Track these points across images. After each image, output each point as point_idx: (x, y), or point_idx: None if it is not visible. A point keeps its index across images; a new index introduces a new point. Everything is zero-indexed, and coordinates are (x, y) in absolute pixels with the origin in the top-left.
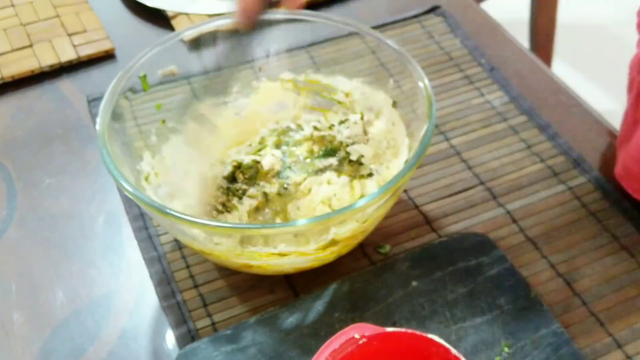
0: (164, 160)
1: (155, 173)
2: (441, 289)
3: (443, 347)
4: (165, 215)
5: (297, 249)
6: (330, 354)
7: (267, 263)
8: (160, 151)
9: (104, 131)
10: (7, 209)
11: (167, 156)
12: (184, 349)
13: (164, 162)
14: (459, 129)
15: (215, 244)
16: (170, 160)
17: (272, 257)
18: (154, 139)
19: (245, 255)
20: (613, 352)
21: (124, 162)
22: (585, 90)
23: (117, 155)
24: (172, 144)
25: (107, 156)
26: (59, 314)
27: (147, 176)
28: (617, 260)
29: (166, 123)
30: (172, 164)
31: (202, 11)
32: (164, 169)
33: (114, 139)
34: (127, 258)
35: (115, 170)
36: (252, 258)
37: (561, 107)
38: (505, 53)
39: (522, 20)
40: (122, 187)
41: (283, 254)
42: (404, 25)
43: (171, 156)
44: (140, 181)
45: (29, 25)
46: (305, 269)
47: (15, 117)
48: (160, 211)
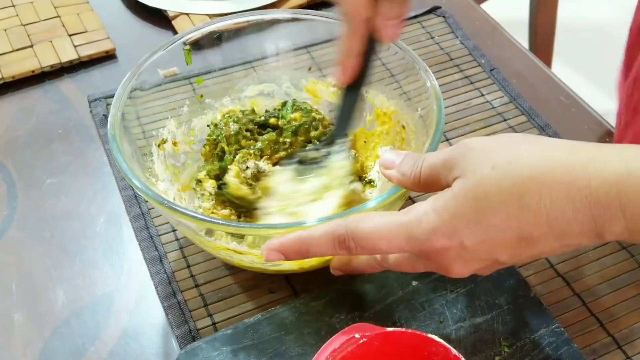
0: (190, 131)
1: (174, 142)
2: (441, 289)
3: (443, 347)
4: (180, 214)
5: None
6: (331, 354)
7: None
8: (190, 122)
9: (115, 129)
10: (7, 209)
11: (195, 127)
12: (184, 349)
13: (190, 134)
14: (459, 129)
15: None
16: (199, 132)
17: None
18: (185, 110)
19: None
20: (613, 352)
21: (132, 161)
22: (585, 90)
23: (127, 154)
24: (207, 119)
25: (119, 154)
26: (59, 314)
27: (162, 142)
28: (617, 260)
29: (204, 98)
30: (199, 136)
31: (202, 11)
32: (187, 139)
33: (123, 139)
34: (128, 258)
35: (127, 168)
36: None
37: (561, 107)
38: (505, 53)
39: (522, 20)
40: (136, 187)
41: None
42: (404, 26)
43: (201, 129)
44: (148, 179)
45: (29, 26)
46: (307, 268)
47: (15, 117)
48: (178, 212)
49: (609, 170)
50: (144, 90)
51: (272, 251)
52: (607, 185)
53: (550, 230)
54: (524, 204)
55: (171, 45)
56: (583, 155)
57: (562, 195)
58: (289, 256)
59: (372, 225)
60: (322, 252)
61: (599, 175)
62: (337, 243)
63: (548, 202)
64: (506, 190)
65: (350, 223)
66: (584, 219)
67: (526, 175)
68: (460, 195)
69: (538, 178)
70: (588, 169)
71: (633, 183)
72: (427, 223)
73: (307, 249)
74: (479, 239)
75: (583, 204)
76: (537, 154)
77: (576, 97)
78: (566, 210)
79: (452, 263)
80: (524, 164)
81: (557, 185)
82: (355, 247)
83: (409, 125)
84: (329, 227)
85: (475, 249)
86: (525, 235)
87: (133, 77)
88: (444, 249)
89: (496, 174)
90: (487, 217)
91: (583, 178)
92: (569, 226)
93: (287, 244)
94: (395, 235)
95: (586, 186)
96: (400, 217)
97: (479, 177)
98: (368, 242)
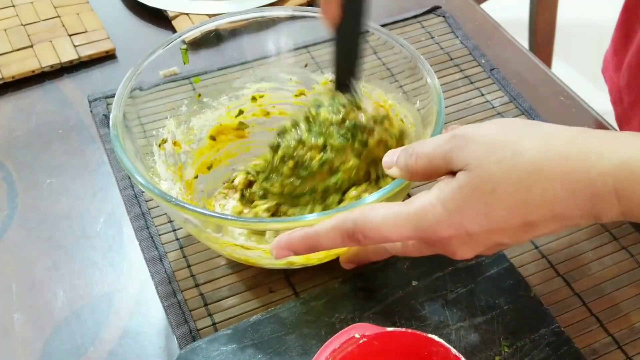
0: (190, 130)
1: (174, 142)
2: (441, 289)
3: (443, 347)
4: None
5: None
6: (331, 354)
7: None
8: (189, 122)
9: (118, 129)
10: (7, 208)
11: (194, 127)
12: (184, 349)
13: (189, 133)
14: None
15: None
16: (198, 132)
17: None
18: (183, 109)
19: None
20: (612, 352)
21: (136, 160)
22: (585, 90)
23: (131, 153)
24: (206, 119)
25: (122, 151)
26: (59, 314)
27: (163, 142)
28: (617, 260)
29: (202, 97)
30: (198, 136)
31: (202, 11)
32: (187, 138)
33: (125, 138)
34: (128, 258)
35: (132, 168)
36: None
37: (561, 107)
38: (505, 53)
39: (522, 20)
40: (142, 186)
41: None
42: (405, 26)
43: (200, 128)
44: (151, 179)
45: (29, 26)
46: (315, 262)
47: (16, 117)
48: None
49: (605, 161)
50: (143, 90)
51: (281, 249)
52: (604, 175)
53: (553, 216)
54: (529, 196)
55: (171, 44)
56: (581, 147)
57: (564, 186)
58: (299, 252)
59: (379, 217)
60: (332, 246)
61: (596, 167)
62: (347, 237)
63: (551, 193)
64: (512, 185)
65: (357, 217)
66: (584, 205)
67: (531, 170)
68: (465, 187)
69: (541, 172)
70: (586, 160)
71: (627, 173)
72: (434, 214)
73: (316, 244)
74: (485, 229)
75: (582, 193)
76: (539, 147)
77: (576, 97)
78: (567, 199)
79: (457, 248)
80: (527, 159)
81: (559, 177)
82: (364, 239)
83: (408, 119)
84: (337, 222)
85: (480, 236)
86: (529, 222)
87: (133, 76)
88: (449, 238)
89: (502, 170)
90: (494, 209)
91: (582, 170)
92: (570, 212)
93: (296, 241)
94: (402, 226)
95: (585, 177)
96: (406, 208)
97: (486, 172)
98: (376, 234)
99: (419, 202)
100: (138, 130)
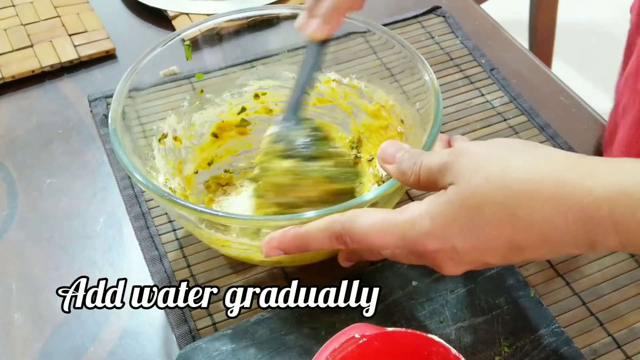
0: (191, 125)
1: (174, 137)
2: (441, 289)
3: (443, 347)
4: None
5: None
6: (331, 354)
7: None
8: (190, 117)
9: (116, 124)
10: (7, 208)
11: (196, 122)
12: (184, 349)
13: (190, 128)
14: (459, 129)
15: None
16: (199, 127)
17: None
18: (185, 105)
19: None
20: (612, 352)
21: (133, 155)
22: (585, 90)
23: (128, 148)
24: (207, 114)
25: (121, 149)
26: (59, 314)
27: (163, 136)
28: (617, 260)
29: (204, 94)
30: (200, 131)
31: (202, 11)
32: (188, 134)
33: (124, 133)
34: (128, 257)
35: (128, 162)
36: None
37: (561, 107)
38: (505, 53)
39: (522, 20)
40: (137, 180)
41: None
42: (404, 26)
43: (202, 124)
44: (149, 173)
45: (29, 26)
46: (307, 261)
47: (16, 117)
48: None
49: (600, 187)
50: (143, 89)
51: (271, 248)
52: (599, 202)
53: (542, 240)
54: (517, 216)
55: (170, 42)
56: (575, 171)
57: (554, 211)
58: (289, 252)
59: (367, 223)
60: (321, 247)
61: (591, 193)
62: (334, 239)
63: (540, 216)
64: (499, 203)
65: (346, 221)
66: (577, 233)
67: (519, 190)
68: (454, 202)
69: (530, 193)
70: (580, 186)
71: (624, 200)
72: (421, 227)
73: (306, 244)
74: (470, 244)
75: (575, 219)
76: (530, 167)
77: (576, 97)
78: (559, 224)
79: (444, 263)
80: (516, 178)
81: (550, 201)
82: (351, 243)
83: (407, 120)
84: (327, 223)
85: (466, 253)
86: (516, 244)
87: (133, 73)
88: (435, 251)
89: (490, 186)
90: (480, 225)
91: (575, 195)
92: (562, 238)
93: (287, 240)
94: (389, 233)
95: (578, 203)
96: (395, 216)
97: (473, 187)
98: (363, 239)
99: (409, 212)
100: (136, 124)
